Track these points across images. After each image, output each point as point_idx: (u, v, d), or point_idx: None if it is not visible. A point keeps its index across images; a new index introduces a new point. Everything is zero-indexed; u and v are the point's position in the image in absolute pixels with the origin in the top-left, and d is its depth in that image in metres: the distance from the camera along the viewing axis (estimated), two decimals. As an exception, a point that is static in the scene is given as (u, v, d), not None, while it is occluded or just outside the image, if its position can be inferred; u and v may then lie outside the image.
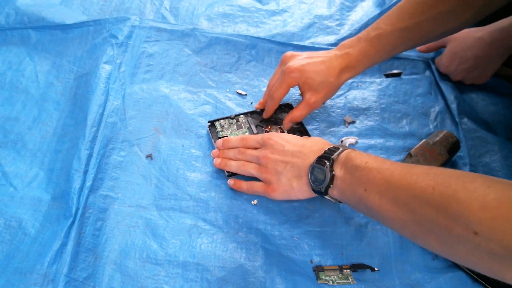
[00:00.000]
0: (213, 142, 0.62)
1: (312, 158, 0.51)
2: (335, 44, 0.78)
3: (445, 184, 0.36)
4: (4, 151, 0.60)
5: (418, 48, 0.77)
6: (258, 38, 0.76)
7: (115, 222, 0.54)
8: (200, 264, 0.51)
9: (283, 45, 0.76)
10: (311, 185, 0.51)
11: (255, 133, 0.64)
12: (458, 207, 0.34)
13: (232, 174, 0.59)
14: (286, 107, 0.68)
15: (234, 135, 0.63)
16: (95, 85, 0.65)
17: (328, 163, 0.48)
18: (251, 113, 0.67)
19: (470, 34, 0.71)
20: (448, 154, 0.61)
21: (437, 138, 0.62)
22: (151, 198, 0.57)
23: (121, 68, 0.69)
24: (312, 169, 0.50)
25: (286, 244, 0.55)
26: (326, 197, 0.50)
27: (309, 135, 0.64)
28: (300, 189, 0.53)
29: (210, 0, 0.84)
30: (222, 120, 0.65)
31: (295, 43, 0.76)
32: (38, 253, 0.50)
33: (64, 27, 0.73)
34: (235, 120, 0.65)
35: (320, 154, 0.50)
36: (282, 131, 0.64)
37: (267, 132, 0.64)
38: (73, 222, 0.52)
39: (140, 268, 0.51)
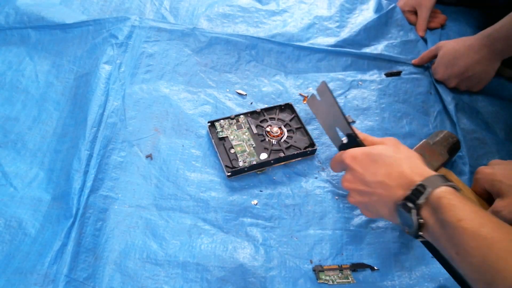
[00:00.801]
0: (213, 142, 0.62)
1: (399, 193, 0.43)
2: (334, 46, 0.78)
3: None
4: (4, 151, 0.60)
5: (412, 61, 0.78)
6: (258, 38, 0.76)
7: (115, 222, 0.54)
8: (200, 264, 0.51)
9: (283, 45, 0.76)
10: (401, 227, 0.45)
11: (255, 133, 0.64)
12: None
13: (232, 174, 0.59)
14: (287, 107, 0.68)
15: (234, 135, 0.63)
16: (95, 85, 0.65)
17: (414, 210, 0.41)
18: (251, 113, 0.67)
19: (461, 43, 0.71)
20: (448, 154, 0.61)
21: (437, 138, 0.62)
22: (151, 198, 0.57)
23: (121, 68, 0.69)
24: (399, 211, 0.43)
25: (286, 244, 0.55)
26: (420, 239, 0.43)
27: (310, 137, 0.64)
28: (391, 220, 0.47)
29: (210, 0, 0.83)
30: (222, 121, 0.65)
31: (295, 43, 0.76)
32: (39, 253, 0.50)
33: (64, 27, 0.73)
34: (235, 120, 0.65)
35: (406, 194, 0.42)
36: (282, 131, 0.64)
37: (268, 132, 0.64)
38: (73, 222, 0.52)
39: (140, 268, 0.51)
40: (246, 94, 0.71)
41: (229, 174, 0.59)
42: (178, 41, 0.75)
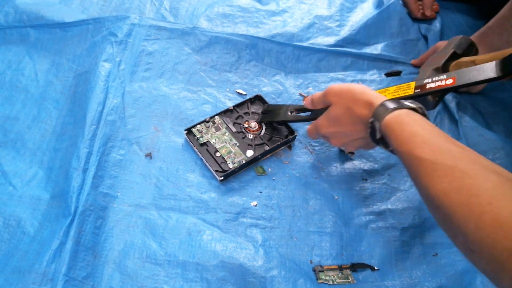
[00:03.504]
0: (195, 150, 0.61)
1: (365, 129, 0.50)
2: (335, 45, 0.78)
3: (455, 191, 0.36)
4: (4, 150, 0.60)
5: (412, 61, 0.78)
6: (258, 37, 0.76)
7: (114, 221, 0.54)
8: (200, 264, 0.51)
9: (283, 45, 0.76)
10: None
11: (235, 132, 0.63)
12: (458, 224, 0.35)
13: (224, 178, 0.59)
14: (256, 99, 0.68)
15: (215, 138, 0.62)
16: (95, 83, 0.64)
17: (378, 136, 0.47)
18: (224, 112, 0.66)
19: None
20: (453, 49, 0.57)
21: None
22: (150, 198, 0.57)
23: (121, 66, 0.68)
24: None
25: (286, 244, 0.55)
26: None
27: (287, 124, 0.64)
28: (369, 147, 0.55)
29: (210, 1, 0.83)
30: (198, 126, 0.63)
31: (295, 43, 0.76)
32: (37, 252, 0.50)
33: (64, 26, 0.73)
34: (211, 123, 0.64)
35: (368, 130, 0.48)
36: (260, 125, 0.64)
37: (246, 127, 0.64)
38: (72, 221, 0.51)
39: (139, 268, 0.51)
40: (246, 94, 0.71)
41: (221, 178, 0.58)
42: (178, 39, 0.75)
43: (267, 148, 0.61)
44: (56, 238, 0.50)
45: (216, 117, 0.65)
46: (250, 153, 0.61)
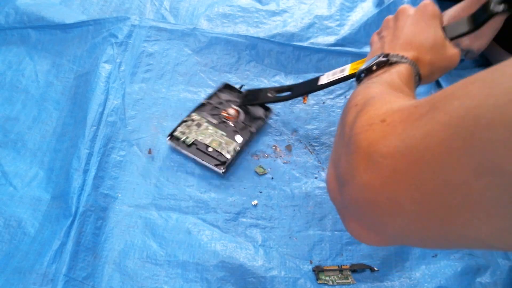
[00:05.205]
0: (186, 152, 0.60)
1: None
2: (335, 45, 0.78)
3: (363, 107, 0.35)
4: (4, 150, 0.60)
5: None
6: (258, 38, 0.76)
7: (115, 221, 0.54)
8: (200, 264, 0.51)
9: (283, 45, 0.76)
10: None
11: (215, 123, 0.64)
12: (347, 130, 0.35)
13: (226, 169, 0.59)
14: (223, 87, 0.69)
15: (201, 135, 0.62)
16: (95, 84, 0.65)
17: (359, 78, 0.47)
18: (199, 107, 0.65)
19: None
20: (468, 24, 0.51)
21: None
22: (150, 198, 0.57)
23: (121, 67, 0.69)
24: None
25: (286, 244, 0.55)
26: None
27: (259, 103, 0.66)
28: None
29: (210, 1, 0.83)
30: (179, 128, 0.62)
31: (295, 43, 0.76)
32: (38, 252, 0.50)
33: (64, 27, 0.73)
34: (190, 121, 0.64)
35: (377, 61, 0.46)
36: (238, 111, 0.65)
37: (227, 116, 0.65)
38: (72, 222, 0.51)
39: (139, 268, 0.51)
40: (246, 94, 0.71)
41: (223, 170, 0.58)
42: (178, 40, 0.75)
43: (253, 129, 0.62)
44: (56, 239, 0.50)
45: (193, 114, 0.64)
46: (239, 139, 0.62)
